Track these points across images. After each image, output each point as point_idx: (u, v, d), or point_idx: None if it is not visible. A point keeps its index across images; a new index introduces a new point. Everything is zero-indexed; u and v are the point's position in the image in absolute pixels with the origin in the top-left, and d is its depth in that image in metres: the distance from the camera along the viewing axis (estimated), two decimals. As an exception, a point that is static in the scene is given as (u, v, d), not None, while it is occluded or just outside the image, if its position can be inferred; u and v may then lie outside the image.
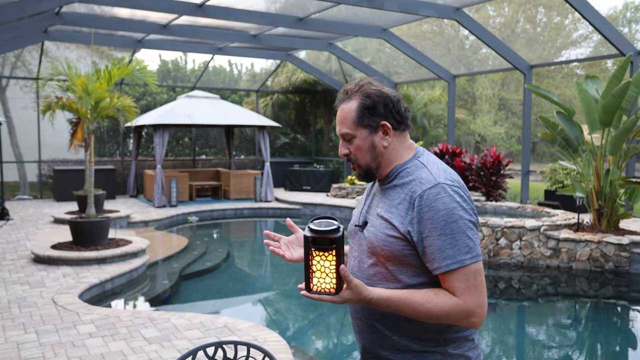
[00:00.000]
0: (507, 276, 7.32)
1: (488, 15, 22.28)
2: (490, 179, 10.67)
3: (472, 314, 1.49)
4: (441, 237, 1.49)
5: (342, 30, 11.72)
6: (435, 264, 1.51)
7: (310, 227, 1.45)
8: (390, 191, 1.65)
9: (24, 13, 8.82)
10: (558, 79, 22.88)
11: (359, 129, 1.66)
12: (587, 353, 5.16)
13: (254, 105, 18.63)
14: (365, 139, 1.66)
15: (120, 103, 7.85)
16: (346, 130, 1.67)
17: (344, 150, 1.70)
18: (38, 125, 14.16)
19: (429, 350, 1.59)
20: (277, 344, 4.18)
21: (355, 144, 1.67)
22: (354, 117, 1.65)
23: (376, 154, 1.67)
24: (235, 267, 8.42)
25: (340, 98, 1.71)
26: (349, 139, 1.68)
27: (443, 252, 1.49)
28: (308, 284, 1.45)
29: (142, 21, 11.60)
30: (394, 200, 1.62)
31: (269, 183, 13.73)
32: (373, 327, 1.64)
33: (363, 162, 1.68)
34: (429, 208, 1.51)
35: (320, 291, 1.45)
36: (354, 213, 1.81)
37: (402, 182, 1.63)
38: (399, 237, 1.56)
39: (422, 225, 1.51)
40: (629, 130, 7.42)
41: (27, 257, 7.32)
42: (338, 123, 1.70)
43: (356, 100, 1.66)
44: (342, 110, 1.69)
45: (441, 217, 1.49)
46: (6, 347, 4.20)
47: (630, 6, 22.25)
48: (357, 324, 1.72)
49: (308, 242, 1.43)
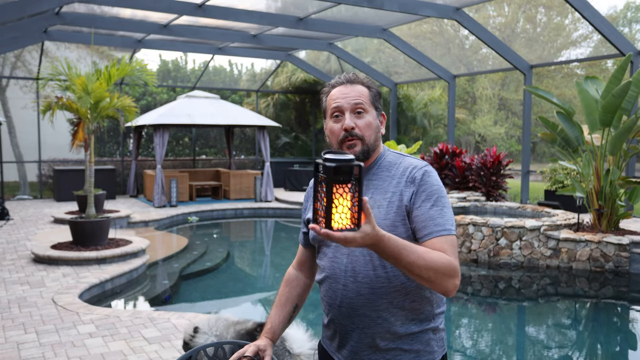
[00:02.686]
0: (507, 276, 7.32)
1: (488, 15, 22.27)
2: (490, 179, 10.67)
3: (457, 274, 1.55)
4: (433, 207, 1.60)
5: (342, 30, 11.72)
6: (426, 230, 1.59)
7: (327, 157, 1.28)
8: (373, 181, 1.70)
9: (24, 13, 8.82)
10: (558, 79, 22.89)
11: (372, 108, 1.72)
12: (587, 353, 5.16)
13: (254, 105, 18.64)
14: (375, 118, 1.72)
15: (120, 103, 7.85)
16: (363, 101, 1.69)
17: (351, 122, 1.67)
18: (38, 125, 14.17)
19: (423, 329, 1.68)
20: (277, 344, 4.18)
21: (366, 120, 1.69)
22: (369, 95, 1.72)
23: (377, 137, 1.73)
24: (235, 267, 8.42)
25: (344, 79, 1.73)
26: (360, 111, 1.69)
27: (434, 220, 1.59)
28: (329, 221, 1.28)
29: (142, 21, 11.61)
30: (387, 187, 1.67)
31: (269, 183, 13.73)
32: (379, 318, 1.66)
33: (369, 140, 1.69)
34: (424, 182, 1.64)
35: (341, 228, 1.31)
36: None
37: (387, 170, 1.71)
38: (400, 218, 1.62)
39: (418, 196, 1.62)
40: (629, 130, 7.42)
41: (27, 257, 7.32)
42: (349, 95, 1.69)
43: (365, 86, 1.73)
44: (352, 88, 1.71)
45: (434, 191, 1.63)
46: (6, 347, 4.20)
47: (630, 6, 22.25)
48: (357, 321, 1.68)
49: (331, 174, 1.26)
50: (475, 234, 7.81)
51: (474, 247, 7.82)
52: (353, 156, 1.31)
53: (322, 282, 1.78)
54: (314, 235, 1.81)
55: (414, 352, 1.68)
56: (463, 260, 7.89)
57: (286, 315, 1.87)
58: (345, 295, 1.68)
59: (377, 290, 1.65)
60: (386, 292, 1.64)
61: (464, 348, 5.22)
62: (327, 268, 1.74)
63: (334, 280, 1.71)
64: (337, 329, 1.74)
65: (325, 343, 1.85)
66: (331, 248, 1.73)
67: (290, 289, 1.91)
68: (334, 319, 1.74)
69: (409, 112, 16.67)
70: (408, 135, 16.99)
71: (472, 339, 5.50)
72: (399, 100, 16.10)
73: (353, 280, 1.67)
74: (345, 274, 1.68)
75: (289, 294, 1.90)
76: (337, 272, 1.70)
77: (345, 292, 1.68)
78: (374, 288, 1.65)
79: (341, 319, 1.71)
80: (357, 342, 1.70)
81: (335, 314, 1.73)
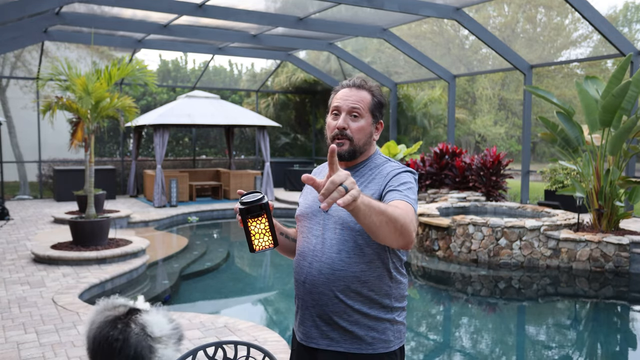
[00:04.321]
0: (507, 276, 7.32)
1: (488, 15, 22.27)
2: (490, 179, 10.67)
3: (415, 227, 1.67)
4: (400, 186, 1.77)
5: (342, 30, 11.72)
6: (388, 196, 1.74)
7: (241, 201, 1.68)
8: (357, 177, 1.86)
9: (24, 13, 8.82)
10: (558, 79, 22.89)
11: (368, 114, 1.87)
12: (587, 353, 5.16)
13: (254, 105, 18.63)
14: (369, 125, 1.87)
15: (120, 103, 7.85)
16: (360, 107, 1.84)
17: (344, 123, 1.83)
18: (38, 125, 14.16)
19: (380, 318, 1.81)
20: (277, 344, 4.19)
21: (360, 124, 1.84)
22: (369, 104, 1.86)
23: (369, 141, 1.89)
24: (236, 267, 8.42)
25: (352, 83, 1.88)
26: (356, 115, 1.84)
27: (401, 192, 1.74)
28: (251, 244, 1.70)
29: (142, 21, 11.61)
30: (368, 184, 1.83)
31: (269, 183, 13.73)
32: (335, 298, 1.80)
33: (357, 142, 1.85)
34: (397, 176, 1.81)
35: (262, 249, 1.70)
36: (306, 199, 1.96)
37: (372, 168, 1.88)
38: None
39: (389, 185, 1.79)
40: (629, 130, 7.42)
41: (27, 257, 7.32)
42: (350, 98, 1.85)
43: (369, 94, 1.87)
44: (357, 92, 1.86)
45: (403, 180, 1.79)
46: (6, 347, 4.20)
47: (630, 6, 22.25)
48: (317, 298, 1.82)
49: (244, 214, 1.67)
50: (475, 234, 7.82)
51: (474, 247, 7.82)
52: (262, 195, 1.68)
53: (294, 259, 1.95)
54: (298, 214, 1.97)
55: (370, 338, 1.81)
56: (463, 260, 7.89)
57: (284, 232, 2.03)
58: (310, 273, 1.84)
59: (337, 272, 1.79)
60: (344, 275, 1.79)
61: (464, 348, 5.22)
62: (300, 246, 1.92)
63: (302, 257, 1.88)
64: (299, 304, 1.90)
65: (295, 324, 1.98)
66: (307, 229, 1.90)
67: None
68: (298, 294, 1.90)
69: (409, 112, 16.67)
70: (408, 135, 16.99)
71: (472, 339, 5.50)
72: (399, 100, 16.10)
73: (317, 259, 1.83)
74: (312, 253, 1.84)
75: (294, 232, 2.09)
76: (306, 250, 1.87)
77: (309, 270, 1.84)
78: (334, 270, 1.79)
79: (304, 295, 1.86)
80: (315, 318, 1.84)
81: (300, 290, 1.88)
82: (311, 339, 1.85)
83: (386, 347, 1.83)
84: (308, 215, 1.91)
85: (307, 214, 1.92)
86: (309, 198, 1.96)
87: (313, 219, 1.89)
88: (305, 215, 1.93)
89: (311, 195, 1.95)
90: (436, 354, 5.10)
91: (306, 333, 1.86)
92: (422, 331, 5.63)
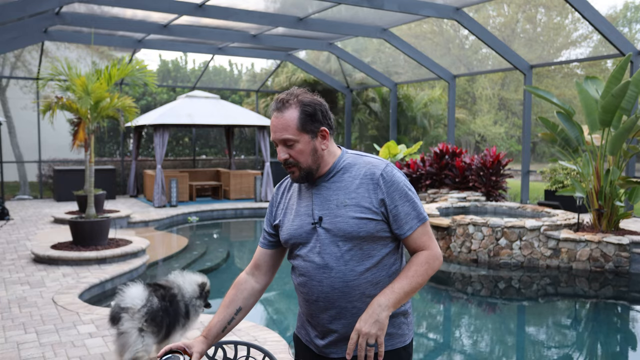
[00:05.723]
0: (507, 276, 7.32)
1: (488, 15, 22.28)
2: (490, 178, 10.67)
3: (440, 254, 1.84)
4: (406, 203, 1.79)
5: (342, 30, 11.72)
6: (407, 226, 1.79)
7: None
8: (336, 183, 1.83)
9: (24, 13, 8.82)
10: (558, 79, 22.89)
11: (302, 135, 1.79)
12: (587, 353, 5.16)
13: (254, 105, 18.63)
14: (308, 143, 1.80)
15: (120, 103, 7.85)
16: (289, 136, 1.78)
17: (284, 155, 1.80)
18: (38, 125, 14.16)
19: (395, 313, 1.83)
20: (277, 344, 4.18)
21: (297, 149, 1.79)
22: (297, 124, 1.78)
23: (317, 157, 1.82)
24: (236, 267, 8.42)
25: (276, 106, 1.81)
26: (290, 144, 1.79)
27: (409, 215, 1.79)
28: None
29: (142, 21, 11.61)
30: (350, 187, 1.80)
31: (269, 183, 13.73)
32: (354, 308, 1.79)
33: (305, 165, 1.81)
34: (392, 183, 1.79)
35: None
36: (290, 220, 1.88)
37: (348, 171, 1.83)
38: (369, 217, 1.76)
39: (392, 198, 1.78)
40: (629, 130, 7.41)
41: (27, 257, 7.32)
42: (277, 130, 1.79)
43: (296, 109, 1.78)
44: (281, 118, 1.79)
45: (402, 188, 1.79)
46: (6, 347, 4.20)
47: (630, 6, 22.26)
48: (333, 314, 1.81)
49: None
50: (475, 234, 7.82)
51: (474, 247, 7.82)
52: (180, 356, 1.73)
53: (298, 281, 1.88)
54: (286, 237, 1.89)
55: (387, 335, 1.82)
56: (463, 260, 7.89)
57: (226, 316, 1.91)
58: (321, 291, 1.80)
59: (350, 283, 1.78)
60: (358, 284, 1.78)
61: (464, 348, 5.22)
62: (302, 267, 1.85)
63: (309, 277, 1.83)
64: (316, 322, 1.86)
65: (301, 333, 1.96)
66: (304, 249, 1.84)
67: (237, 292, 1.97)
68: (312, 313, 1.86)
69: (409, 112, 16.67)
70: (408, 135, 16.99)
71: (472, 338, 5.50)
72: (399, 100, 16.09)
73: (327, 276, 1.79)
74: (319, 271, 1.80)
75: (234, 296, 1.96)
76: (311, 270, 1.82)
77: (320, 288, 1.80)
78: (347, 281, 1.78)
79: (319, 313, 1.83)
80: (337, 332, 1.82)
81: (313, 309, 1.85)
82: (332, 351, 1.84)
83: (402, 342, 1.86)
84: (301, 235, 1.84)
85: (299, 235, 1.84)
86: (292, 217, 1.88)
87: (308, 237, 1.83)
88: (298, 236, 1.85)
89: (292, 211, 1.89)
90: (436, 354, 5.10)
91: (327, 346, 1.85)
92: (422, 331, 5.63)
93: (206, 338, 1.85)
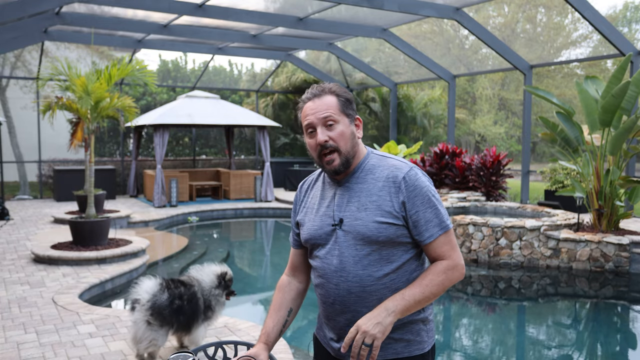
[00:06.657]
0: (507, 276, 7.32)
1: (488, 15, 22.28)
2: (490, 178, 10.67)
3: (461, 266, 1.77)
4: (428, 209, 1.72)
5: (342, 30, 11.72)
6: (427, 233, 1.72)
7: None
8: (359, 185, 1.77)
9: (24, 13, 8.82)
10: (558, 79, 22.88)
11: (342, 116, 1.76)
12: (587, 353, 5.16)
13: (254, 105, 18.63)
14: (348, 126, 1.77)
15: (120, 103, 7.85)
16: (331, 113, 1.73)
17: (324, 136, 1.73)
18: (38, 125, 14.17)
19: (413, 320, 1.78)
20: (277, 344, 4.18)
21: (339, 130, 1.74)
22: (338, 106, 1.75)
23: (354, 143, 1.78)
24: (235, 267, 8.41)
25: (312, 94, 1.77)
26: (331, 123, 1.73)
27: (431, 222, 1.72)
28: None
29: (142, 21, 11.61)
30: (372, 189, 1.74)
31: (269, 183, 13.73)
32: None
33: (344, 150, 1.74)
34: (414, 187, 1.72)
35: None
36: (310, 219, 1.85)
37: (371, 173, 1.77)
38: (390, 221, 1.71)
39: (413, 202, 1.71)
40: (629, 130, 7.41)
41: (27, 257, 7.32)
42: (317, 110, 1.73)
43: (333, 95, 1.76)
44: (319, 101, 1.75)
45: (425, 193, 1.72)
46: (6, 347, 4.20)
47: (630, 6, 22.25)
48: (349, 317, 1.77)
49: None
50: (475, 234, 7.82)
51: (474, 247, 7.83)
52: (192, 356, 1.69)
53: (316, 282, 1.86)
54: (306, 237, 1.86)
55: (405, 341, 1.78)
56: (463, 260, 7.89)
57: (280, 319, 1.90)
58: (338, 294, 1.77)
59: (367, 288, 1.73)
60: (375, 289, 1.73)
61: (464, 348, 5.22)
62: (320, 269, 1.82)
63: (326, 280, 1.79)
64: (333, 324, 1.83)
65: (319, 334, 1.94)
66: (323, 250, 1.80)
67: (284, 294, 1.96)
68: (329, 315, 1.83)
69: (409, 112, 16.67)
70: (408, 135, 16.99)
71: (472, 338, 5.50)
72: (399, 100, 16.10)
73: (344, 279, 1.75)
74: (336, 274, 1.76)
75: (282, 299, 1.95)
76: (329, 272, 1.78)
77: (337, 291, 1.77)
78: (364, 286, 1.73)
79: (335, 316, 1.81)
80: None
81: (329, 311, 1.82)
82: (348, 355, 1.81)
83: (421, 349, 1.80)
84: (321, 236, 1.80)
85: (319, 236, 1.81)
86: (312, 217, 1.85)
87: (327, 238, 1.79)
88: (318, 237, 1.81)
89: (313, 210, 1.86)
90: (436, 354, 5.10)
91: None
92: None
93: (267, 344, 1.84)
